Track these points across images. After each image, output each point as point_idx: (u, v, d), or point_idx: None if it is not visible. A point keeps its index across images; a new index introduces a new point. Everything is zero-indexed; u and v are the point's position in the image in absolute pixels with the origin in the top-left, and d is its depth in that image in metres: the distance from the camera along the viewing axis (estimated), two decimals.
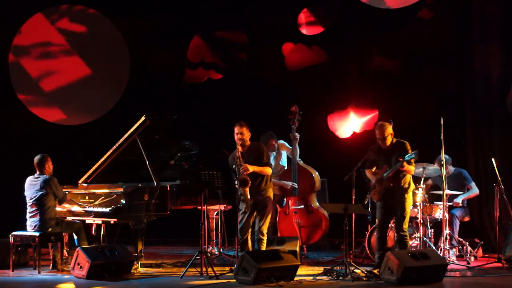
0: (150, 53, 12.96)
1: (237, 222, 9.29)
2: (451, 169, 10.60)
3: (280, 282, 8.36)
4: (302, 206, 10.36)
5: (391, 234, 9.72)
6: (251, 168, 9.12)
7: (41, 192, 9.43)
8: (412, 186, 9.30)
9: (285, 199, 10.44)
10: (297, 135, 10.48)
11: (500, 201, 10.21)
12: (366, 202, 10.11)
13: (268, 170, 9.31)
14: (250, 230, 9.31)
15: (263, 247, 9.24)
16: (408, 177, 9.19)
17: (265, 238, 9.28)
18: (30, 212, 9.49)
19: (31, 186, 9.50)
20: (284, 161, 10.64)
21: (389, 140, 9.12)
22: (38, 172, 9.55)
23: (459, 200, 10.41)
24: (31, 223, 9.46)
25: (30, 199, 9.48)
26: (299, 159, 10.53)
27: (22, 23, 12.83)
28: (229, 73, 12.91)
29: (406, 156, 8.95)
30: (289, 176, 10.47)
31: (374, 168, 9.27)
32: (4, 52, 12.77)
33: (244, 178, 9.05)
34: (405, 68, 12.14)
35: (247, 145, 9.30)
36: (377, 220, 9.43)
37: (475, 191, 10.68)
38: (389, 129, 9.12)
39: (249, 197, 9.06)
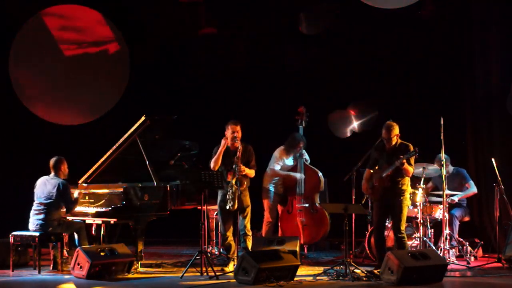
0: (150, 53, 12.97)
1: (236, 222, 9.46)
2: (450, 168, 10.60)
3: (280, 282, 8.37)
4: (307, 205, 10.39)
5: (391, 234, 9.71)
6: (245, 170, 9.38)
7: (51, 194, 9.43)
8: (410, 189, 9.31)
9: (288, 198, 10.48)
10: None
11: (500, 201, 10.21)
12: (363, 202, 10.13)
13: (253, 174, 9.68)
14: (231, 230, 9.57)
15: (250, 243, 9.54)
16: (407, 180, 9.20)
17: (250, 234, 9.64)
18: (35, 210, 9.49)
19: (44, 186, 9.50)
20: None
21: (394, 141, 9.15)
22: (53, 174, 9.56)
23: (455, 198, 10.38)
24: (34, 220, 9.46)
25: (39, 197, 9.48)
26: (305, 159, 10.57)
27: (22, 23, 12.82)
28: (229, 73, 12.90)
29: (406, 154, 8.97)
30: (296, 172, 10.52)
31: (376, 167, 9.30)
32: (4, 52, 12.76)
33: (241, 179, 9.27)
34: (405, 68, 12.13)
35: (237, 146, 9.43)
36: (373, 220, 9.43)
37: (472, 190, 10.65)
38: (396, 130, 9.15)
39: (238, 194, 9.32)
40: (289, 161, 10.56)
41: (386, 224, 9.68)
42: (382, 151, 9.25)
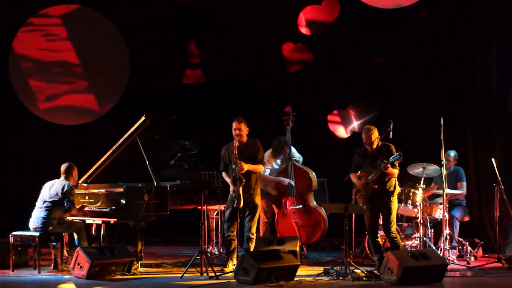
0: (150, 53, 12.97)
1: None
2: (452, 166, 10.61)
3: (280, 282, 8.37)
4: (301, 206, 10.34)
5: None
6: (246, 167, 9.29)
7: (57, 193, 9.45)
8: (398, 189, 9.32)
9: (282, 200, 10.44)
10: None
11: (500, 201, 10.21)
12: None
13: (261, 168, 9.60)
14: (236, 229, 9.49)
15: (253, 246, 9.48)
16: (393, 180, 9.21)
17: (254, 237, 9.57)
18: (38, 208, 9.51)
19: (50, 187, 9.53)
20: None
21: (375, 144, 9.16)
22: (63, 177, 9.59)
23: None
24: (35, 219, 9.47)
25: (44, 197, 9.50)
26: (295, 159, 10.51)
27: (22, 23, 12.83)
28: (229, 73, 12.91)
29: (390, 158, 8.99)
30: (286, 176, 10.45)
31: (359, 172, 9.30)
32: (4, 53, 12.76)
33: (239, 177, 9.20)
34: (405, 68, 12.12)
35: (243, 141, 9.45)
36: (365, 224, 9.41)
37: (461, 191, 10.54)
38: (376, 133, 9.16)
39: (241, 193, 9.24)
40: (277, 165, 10.50)
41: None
42: (365, 155, 9.27)
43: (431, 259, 8.52)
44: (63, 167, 9.64)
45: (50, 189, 9.51)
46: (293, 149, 10.49)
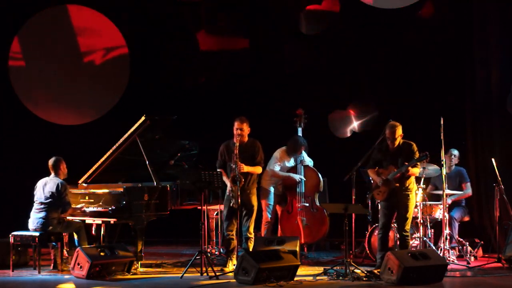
0: (150, 53, 12.97)
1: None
2: (453, 166, 10.60)
3: (280, 282, 8.37)
4: (308, 204, 10.39)
5: (391, 234, 9.71)
6: (246, 169, 9.30)
7: (52, 193, 9.45)
8: (415, 186, 9.32)
9: (287, 198, 10.47)
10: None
11: (500, 201, 10.21)
12: (369, 199, 10.13)
13: (259, 170, 9.65)
14: (235, 228, 9.51)
15: (251, 245, 9.53)
16: (412, 178, 9.22)
17: (253, 236, 9.64)
18: (36, 209, 9.51)
19: (44, 186, 9.52)
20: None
21: (397, 141, 9.13)
22: (53, 174, 9.59)
23: (449, 200, 10.35)
24: (34, 219, 9.47)
25: (40, 198, 9.50)
26: (304, 159, 10.55)
27: (21, 24, 12.83)
28: (229, 73, 12.91)
29: (414, 159, 8.97)
30: (295, 174, 10.50)
31: (377, 168, 9.28)
32: (4, 53, 12.75)
33: (239, 177, 9.24)
34: (405, 68, 12.12)
35: (244, 141, 9.48)
36: (380, 220, 9.41)
37: (467, 191, 10.61)
38: (400, 130, 9.13)
39: (239, 193, 9.25)
40: (290, 163, 10.54)
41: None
42: (386, 152, 9.24)
43: (431, 259, 8.52)
44: (50, 162, 9.64)
45: (44, 189, 9.51)
46: (304, 153, 10.54)
